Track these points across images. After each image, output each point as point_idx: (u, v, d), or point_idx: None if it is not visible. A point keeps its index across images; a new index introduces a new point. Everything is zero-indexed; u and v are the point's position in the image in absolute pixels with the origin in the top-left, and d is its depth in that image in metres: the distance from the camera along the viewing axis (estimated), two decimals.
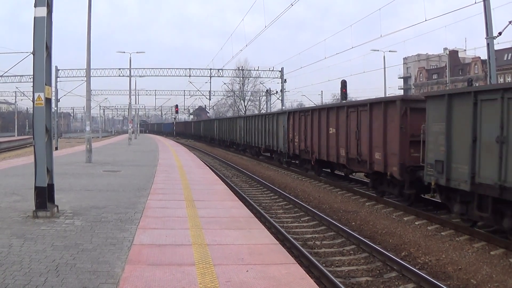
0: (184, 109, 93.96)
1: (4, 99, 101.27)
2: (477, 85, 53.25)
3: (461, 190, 10.04)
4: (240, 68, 64.41)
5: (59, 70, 47.17)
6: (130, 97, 45.38)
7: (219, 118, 57.51)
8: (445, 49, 78.51)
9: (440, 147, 10.67)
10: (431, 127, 11.16)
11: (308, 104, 70.13)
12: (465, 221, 10.50)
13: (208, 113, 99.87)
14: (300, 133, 22.44)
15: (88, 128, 22.79)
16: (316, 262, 8.03)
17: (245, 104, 76.84)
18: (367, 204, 14.26)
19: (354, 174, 18.22)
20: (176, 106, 72.52)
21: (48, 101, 8.61)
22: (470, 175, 9.60)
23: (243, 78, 71.52)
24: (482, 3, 16.12)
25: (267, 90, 53.74)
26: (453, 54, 74.33)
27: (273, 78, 51.24)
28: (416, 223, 11.47)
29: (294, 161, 24.68)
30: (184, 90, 76.35)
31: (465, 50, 72.07)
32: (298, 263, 6.69)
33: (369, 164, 14.95)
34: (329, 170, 21.15)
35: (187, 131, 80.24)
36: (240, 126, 37.76)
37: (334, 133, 18.09)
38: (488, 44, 16.20)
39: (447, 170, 10.40)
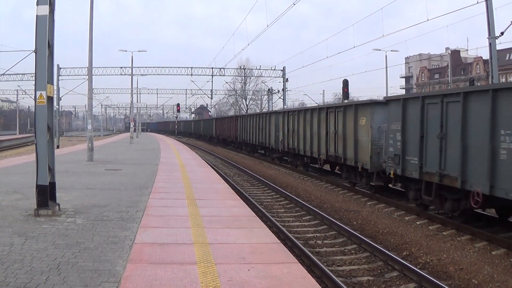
0: (186, 108, 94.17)
1: (6, 97, 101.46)
2: (479, 84, 53.13)
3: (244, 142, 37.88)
4: (242, 67, 64.37)
5: (61, 68, 47.19)
6: (132, 95, 45.42)
7: (195, 120, 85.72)
8: (447, 48, 78.60)
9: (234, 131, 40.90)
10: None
11: (309, 103, 70.55)
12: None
13: (210, 112, 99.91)
14: (219, 128, 49.88)
15: (89, 127, 22.82)
16: (318, 262, 8.03)
17: (247, 103, 76.94)
18: (368, 203, 14.25)
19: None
20: (178, 105, 72.69)
21: (50, 99, 8.62)
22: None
23: (245, 77, 71.58)
24: (484, 3, 16.09)
25: (269, 89, 53.69)
26: (455, 53, 74.20)
27: (275, 77, 51.25)
28: (418, 222, 11.46)
29: (217, 141, 52.33)
30: (186, 89, 76.86)
31: (467, 50, 71.93)
32: (300, 262, 6.70)
33: (231, 137, 43.52)
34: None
35: (188, 130, 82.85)
36: (203, 125, 66.20)
37: (226, 127, 45.38)
38: (490, 44, 16.18)
39: (241, 136, 37.46)
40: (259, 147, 33.60)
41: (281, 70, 49.79)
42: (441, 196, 11.32)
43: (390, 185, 15.19)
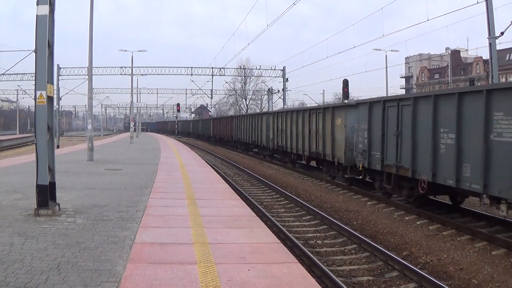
0: (186, 108, 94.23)
1: (6, 97, 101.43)
2: (479, 84, 53.14)
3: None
4: (242, 67, 64.38)
5: (61, 68, 47.19)
6: (132, 95, 45.41)
7: (194, 120, 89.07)
8: (447, 48, 78.55)
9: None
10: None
11: (309, 103, 70.68)
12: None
13: (210, 112, 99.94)
14: (216, 128, 52.41)
15: (89, 127, 22.82)
16: (318, 262, 8.03)
17: (247, 103, 76.94)
18: (368, 203, 14.24)
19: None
20: (178, 104, 72.72)
21: (50, 99, 8.62)
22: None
23: (245, 77, 71.59)
24: (484, 3, 16.10)
25: (269, 89, 53.68)
26: (455, 53, 74.17)
27: (275, 77, 51.23)
28: (418, 222, 11.46)
29: (214, 140, 54.93)
30: (186, 89, 76.91)
31: (467, 50, 71.90)
32: (300, 262, 6.70)
33: (227, 136, 45.81)
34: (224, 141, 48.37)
35: (187, 130, 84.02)
36: (201, 125, 68.95)
37: (223, 127, 47.62)
38: (490, 44, 16.19)
39: (236, 136, 40.57)
40: (252, 145, 36.05)
41: (281, 70, 49.76)
42: (399, 185, 13.28)
43: (360, 177, 16.55)
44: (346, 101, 23.29)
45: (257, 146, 33.89)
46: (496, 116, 9.21)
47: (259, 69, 55.99)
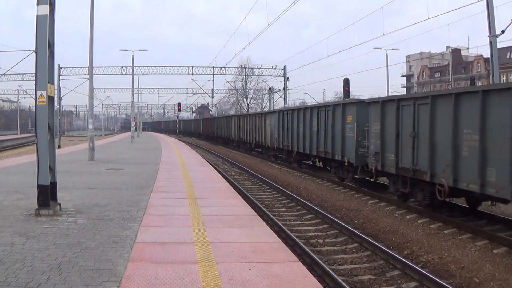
0: (187, 107, 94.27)
1: (6, 97, 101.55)
2: (479, 83, 53.15)
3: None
4: (243, 66, 64.40)
5: (61, 68, 47.22)
6: (132, 95, 45.49)
7: (186, 120, 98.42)
8: (448, 47, 78.50)
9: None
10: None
11: (310, 102, 70.88)
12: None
13: (211, 111, 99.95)
14: (205, 126, 62.95)
15: (90, 126, 22.81)
16: (319, 260, 8.02)
17: (248, 102, 76.93)
18: (369, 202, 14.24)
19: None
20: (179, 104, 72.80)
21: (50, 99, 8.62)
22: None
23: (245, 76, 71.60)
24: (484, 1, 16.06)
25: (269, 88, 53.65)
26: (456, 52, 74.09)
27: (276, 76, 51.17)
28: (419, 221, 11.45)
29: (203, 137, 63.11)
30: (187, 88, 76.85)
31: (468, 48, 72.03)
32: (301, 261, 6.69)
33: (211, 133, 56.40)
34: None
35: (189, 129, 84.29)
36: (193, 125, 77.70)
37: (209, 125, 58.76)
38: (491, 42, 16.15)
39: (217, 132, 53.57)
40: (227, 139, 46.67)
41: (282, 69, 49.71)
42: (290, 156, 24.42)
43: (277, 154, 27.69)
44: (277, 108, 37.50)
45: (229, 140, 45.12)
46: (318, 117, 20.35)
47: (260, 68, 55.94)
